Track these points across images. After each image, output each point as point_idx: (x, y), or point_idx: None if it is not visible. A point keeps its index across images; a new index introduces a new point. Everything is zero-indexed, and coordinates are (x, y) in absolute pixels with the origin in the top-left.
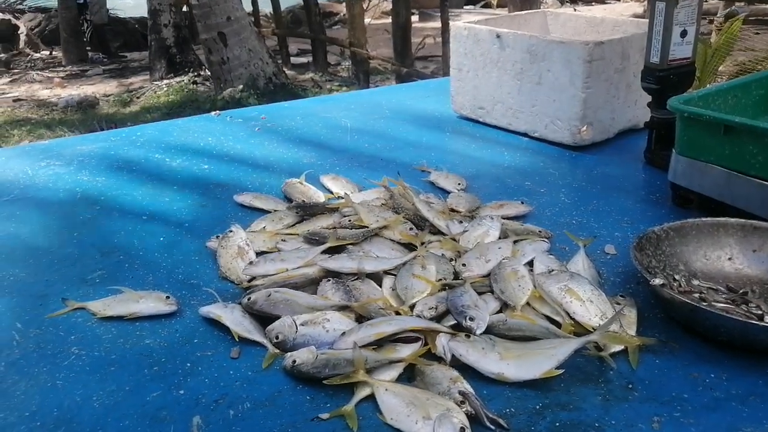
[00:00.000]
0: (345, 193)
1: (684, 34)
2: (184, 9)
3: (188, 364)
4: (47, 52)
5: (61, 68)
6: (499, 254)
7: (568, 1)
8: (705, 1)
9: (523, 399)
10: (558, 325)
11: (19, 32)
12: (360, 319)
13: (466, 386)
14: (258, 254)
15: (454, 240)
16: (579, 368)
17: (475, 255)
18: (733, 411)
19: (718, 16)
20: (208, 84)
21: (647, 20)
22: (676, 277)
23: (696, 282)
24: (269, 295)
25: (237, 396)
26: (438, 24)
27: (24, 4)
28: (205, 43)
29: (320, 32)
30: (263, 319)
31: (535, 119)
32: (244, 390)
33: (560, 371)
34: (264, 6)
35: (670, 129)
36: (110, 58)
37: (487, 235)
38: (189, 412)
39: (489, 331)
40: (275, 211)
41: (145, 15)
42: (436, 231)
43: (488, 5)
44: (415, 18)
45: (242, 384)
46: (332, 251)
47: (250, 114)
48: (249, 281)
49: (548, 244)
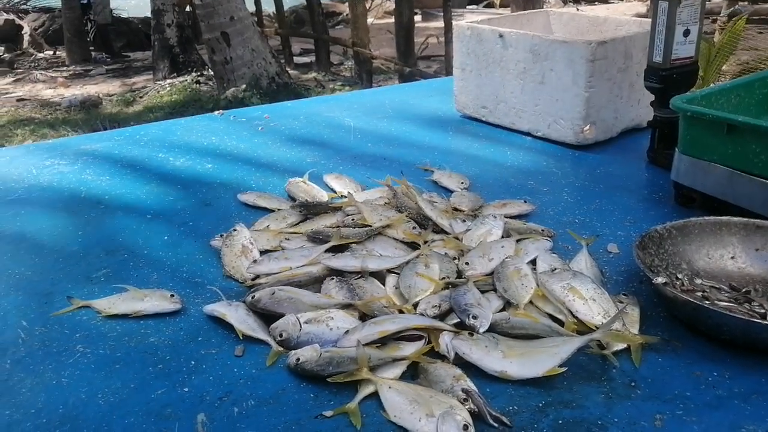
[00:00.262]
0: (348, 192)
1: (687, 33)
2: (188, 9)
3: (193, 362)
4: (51, 52)
5: (64, 68)
6: (502, 253)
7: (570, 1)
8: (708, 1)
9: (526, 397)
10: (561, 323)
11: (22, 32)
12: (363, 317)
13: (469, 384)
14: (262, 253)
15: (457, 239)
16: (582, 366)
17: (478, 254)
18: (736, 409)
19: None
20: (211, 84)
21: (650, 20)
22: (679, 276)
23: (699, 281)
24: (273, 293)
25: (241, 393)
26: (441, 24)
27: (28, 4)
28: (208, 43)
29: (323, 32)
30: (267, 317)
31: (538, 118)
32: (248, 387)
33: (563, 369)
34: (267, 6)
35: (673, 128)
36: (113, 58)
37: (490, 234)
38: (194, 410)
39: (492, 329)
40: (279, 210)
41: (149, 15)
42: (439, 230)
43: (491, 5)
44: (418, 18)
45: (246, 382)
46: (336, 250)
47: (253, 113)
48: (253, 279)
49: (551, 243)
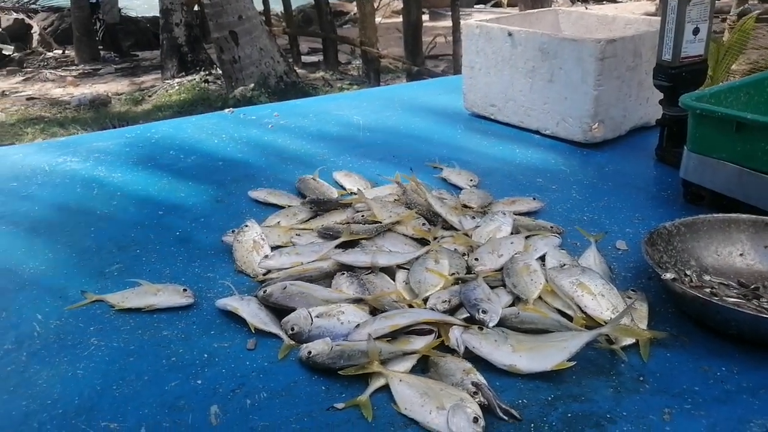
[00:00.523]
0: (358, 189)
1: (696, 31)
2: (196, 8)
3: (205, 355)
4: (60, 51)
5: (73, 67)
6: (511, 249)
7: (579, 0)
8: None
9: (536, 390)
10: (570, 318)
11: (32, 31)
12: (374, 311)
13: (479, 377)
14: (273, 248)
15: (466, 235)
16: (590, 361)
17: (488, 250)
18: (744, 403)
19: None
20: (219, 83)
21: (659, 18)
22: (687, 272)
23: (707, 277)
24: (285, 287)
25: (254, 386)
26: (448, 23)
27: (37, 3)
28: (217, 42)
29: (331, 31)
30: (279, 311)
31: (546, 117)
32: (260, 380)
33: (572, 363)
34: (275, 5)
35: (682, 126)
36: (122, 57)
37: (500, 231)
38: (207, 401)
39: (501, 324)
40: (289, 206)
41: (157, 14)
42: (448, 226)
43: (498, 4)
44: (425, 17)
45: (258, 374)
46: (346, 246)
47: (263, 111)
48: (264, 274)
49: (560, 239)
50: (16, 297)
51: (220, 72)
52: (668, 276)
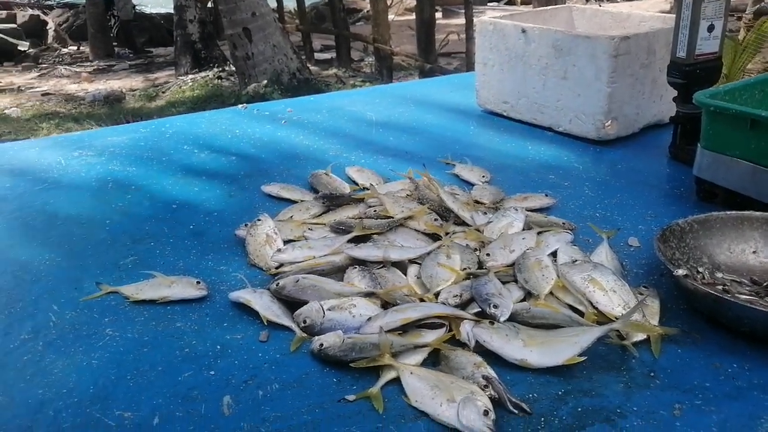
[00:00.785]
0: (370, 185)
1: (711, 28)
2: (210, 5)
3: (218, 347)
4: (75, 47)
5: (88, 63)
6: (523, 245)
7: None
8: None
9: (546, 385)
10: (581, 314)
11: (47, 27)
12: (385, 305)
13: (489, 371)
14: (285, 242)
15: (478, 231)
16: (601, 356)
17: (500, 245)
18: (755, 400)
19: (746, 12)
20: (232, 79)
21: (673, 16)
22: (700, 269)
23: (719, 274)
24: (297, 281)
25: (266, 377)
26: (461, 20)
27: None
28: (230, 39)
29: (344, 28)
30: (291, 304)
31: (559, 114)
32: (272, 372)
33: (583, 358)
34: (288, 2)
35: (696, 124)
36: (136, 54)
37: (512, 227)
38: (219, 392)
39: (513, 318)
40: (302, 201)
41: (171, 11)
42: (460, 222)
43: (512, 2)
44: (438, 15)
45: (271, 366)
46: (358, 241)
47: (276, 107)
48: (277, 268)
49: (572, 235)
50: (32, 288)
51: (233, 69)
52: (680, 272)
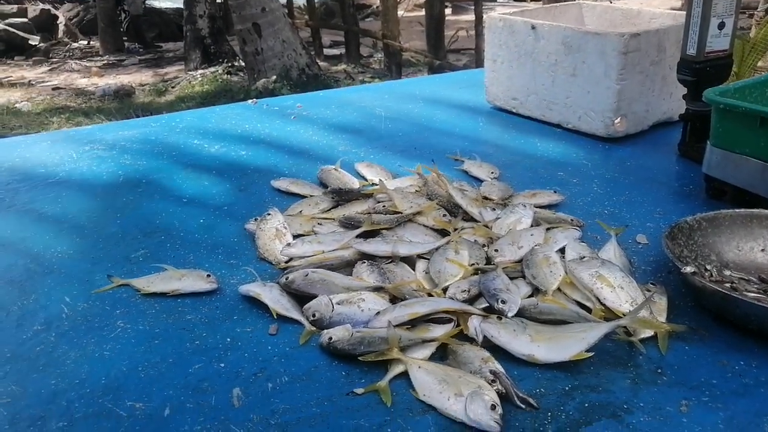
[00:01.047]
0: (379, 180)
1: (722, 26)
2: (219, 0)
3: (228, 339)
4: (85, 42)
5: (98, 58)
6: (531, 241)
7: None
8: None
9: (553, 380)
10: (588, 310)
11: (58, 22)
12: (394, 300)
13: (497, 366)
14: (295, 237)
15: (486, 227)
16: (608, 352)
17: (508, 241)
18: (762, 397)
19: (758, 10)
20: (241, 74)
21: (684, 13)
22: (708, 267)
23: (727, 272)
24: (307, 274)
25: (275, 370)
26: (471, 17)
27: None
28: (240, 34)
29: (353, 24)
30: (300, 297)
31: (568, 111)
32: (282, 365)
33: (590, 354)
34: None
35: (705, 121)
36: (146, 48)
37: (520, 223)
38: (229, 384)
39: (520, 314)
40: (311, 196)
41: (181, 6)
42: (469, 218)
43: None
44: (448, 11)
45: (280, 359)
46: (366, 236)
47: (285, 102)
48: (286, 262)
49: (580, 232)
50: (45, 280)
51: (243, 64)
52: (688, 269)
